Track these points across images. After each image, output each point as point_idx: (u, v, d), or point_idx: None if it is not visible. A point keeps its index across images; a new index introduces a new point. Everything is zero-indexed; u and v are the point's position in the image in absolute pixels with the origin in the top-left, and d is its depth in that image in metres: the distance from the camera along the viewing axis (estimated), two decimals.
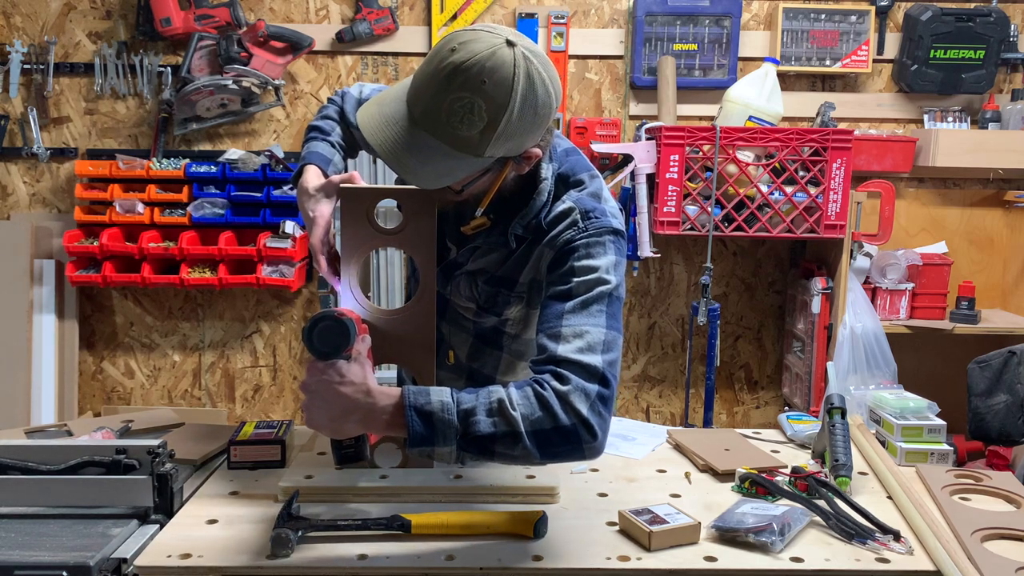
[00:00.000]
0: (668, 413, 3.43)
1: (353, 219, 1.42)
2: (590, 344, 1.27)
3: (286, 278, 3.09)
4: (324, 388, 1.18)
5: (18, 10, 3.18)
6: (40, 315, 3.18)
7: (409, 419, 1.18)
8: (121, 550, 1.24)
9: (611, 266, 1.35)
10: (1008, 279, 3.29)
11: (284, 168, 3.08)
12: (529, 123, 1.24)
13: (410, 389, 1.20)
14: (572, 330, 1.28)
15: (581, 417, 1.21)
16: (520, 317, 1.54)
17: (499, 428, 1.19)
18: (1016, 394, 2.10)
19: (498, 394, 1.21)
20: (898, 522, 1.34)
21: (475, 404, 1.20)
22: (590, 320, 1.29)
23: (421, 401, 1.19)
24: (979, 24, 3.11)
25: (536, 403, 1.21)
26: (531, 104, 1.23)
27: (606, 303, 1.32)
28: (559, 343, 1.27)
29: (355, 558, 1.22)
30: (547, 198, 1.41)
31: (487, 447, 1.20)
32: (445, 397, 1.20)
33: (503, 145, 1.24)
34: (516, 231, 1.42)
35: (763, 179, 2.89)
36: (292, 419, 1.92)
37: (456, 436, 1.19)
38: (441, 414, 1.18)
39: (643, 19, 3.14)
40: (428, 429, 1.18)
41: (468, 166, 1.26)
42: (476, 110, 1.19)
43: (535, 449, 1.21)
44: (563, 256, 1.36)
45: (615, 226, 1.39)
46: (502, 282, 1.48)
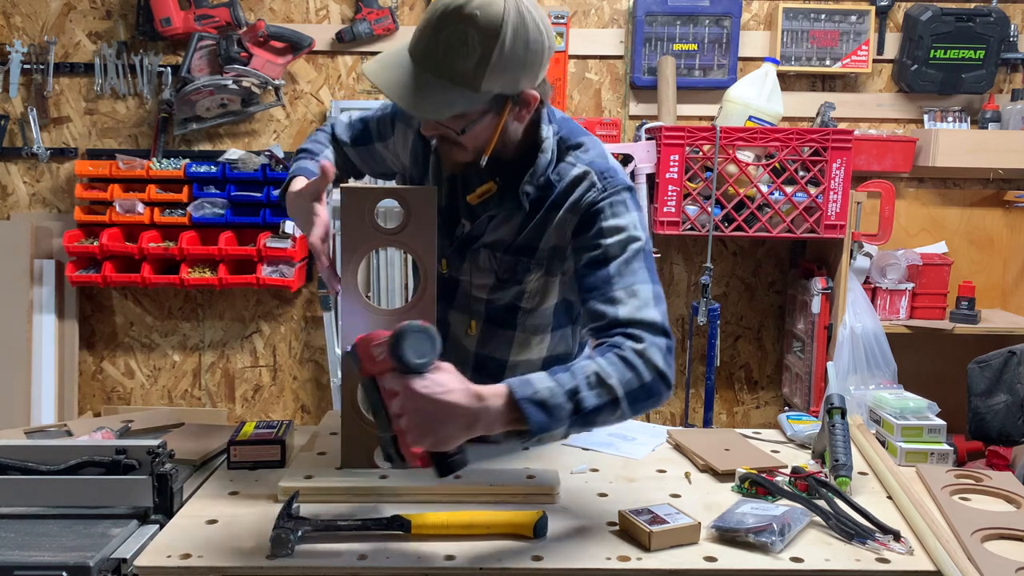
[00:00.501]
0: (668, 413, 3.43)
1: (353, 219, 1.42)
2: (645, 301, 1.34)
3: (286, 278, 3.09)
4: (429, 404, 1.15)
5: (18, 10, 3.18)
6: (40, 315, 3.18)
7: (527, 411, 1.19)
8: (121, 550, 1.24)
9: (636, 222, 1.42)
10: (1008, 279, 3.29)
11: (284, 168, 3.08)
12: (521, 57, 1.30)
13: (512, 383, 1.21)
14: (624, 291, 1.35)
15: (659, 371, 1.29)
16: (538, 288, 1.54)
17: (602, 399, 1.24)
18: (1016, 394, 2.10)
19: (591, 367, 1.25)
20: (898, 522, 1.34)
21: (576, 382, 1.23)
22: (635, 278, 1.36)
23: (530, 392, 1.20)
24: (979, 24, 3.11)
25: (623, 366, 1.27)
26: (522, 37, 1.28)
27: (643, 259, 1.39)
28: (617, 306, 1.34)
29: (355, 558, 1.21)
30: (551, 156, 1.45)
31: (592, 419, 1.25)
32: (548, 382, 1.22)
33: (498, 79, 1.29)
34: (526, 190, 1.45)
35: (763, 179, 2.89)
36: (292, 419, 1.92)
37: (569, 416, 1.22)
38: (552, 399, 1.21)
39: (643, 19, 3.14)
40: (546, 416, 1.20)
41: (467, 100, 1.30)
42: (470, 41, 1.26)
43: (629, 409, 1.27)
44: (589, 219, 1.42)
45: (629, 183, 1.46)
46: (522, 250, 1.49)
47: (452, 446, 1.18)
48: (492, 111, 1.35)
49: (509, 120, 1.39)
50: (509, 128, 1.41)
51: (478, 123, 1.35)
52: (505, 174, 1.46)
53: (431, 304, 1.44)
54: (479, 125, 1.36)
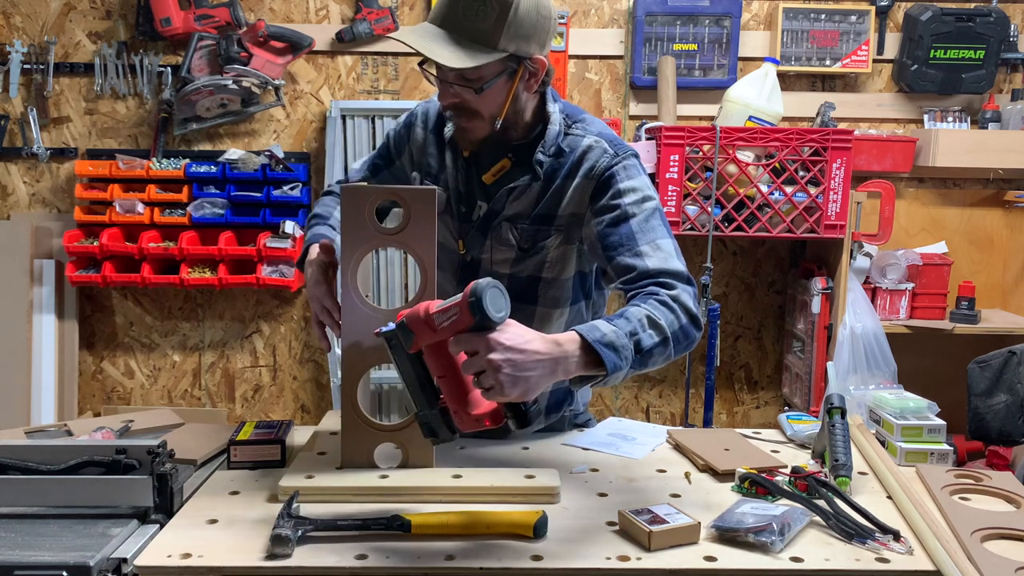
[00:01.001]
0: (668, 413, 3.43)
1: (353, 219, 1.42)
2: (669, 253, 1.46)
3: (286, 278, 3.09)
4: (517, 354, 1.18)
5: (18, 10, 3.18)
6: (40, 315, 3.18)
7: (603, 354, 1.24)
8: (121, 550, 1.24)
9: (648, 184, 1.54)
10: (1008, 279, 3.29)
11: (284, 168, 3.08)
12: (534, 19, 1.43)
13: (580, 329, 1.27)
14: (649, 246, 1.46)
15: (691, 313, 1.39)
16: (559, 257, 1.60)
17: (656, 339, 1.33)
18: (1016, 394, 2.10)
19: (642, 311, 1.34)
20: (898, 522, 1.34)
21: (633, 325, 1.31)
22: (656, 234, 1.48)
23: (599, 335, 1.26)
24: (979, 24, 3.11)
25: (665, 309, 1.36)
26: (534, 1, 1.42)
27: (659, 216, 1.51)
28: (645, 259, 1.44)
29: (355, 558, 1.21)
30: (560, 128, 1.56)
31: (648, 359, 1.33)
32: (610, 326, 1.29)
33: (513, 39, 1.42)
34: (539, 159, 1.54)
35: (763, 179, 2.89)
36: (292, 419, 1.92)
37: (632, 356, 1.29)
38: (618, 341, 1.27)
39: (643, 19, 3.14)
40: (618, 357, 1.26)
41: (485, 55, 1.41)
42: (488, 2, 1.39)
43: (674, 350, 1.36)
44: (606, 183, 1.52)
45: (635, 150, 1.57)
46: (542, 219, 1.57)
47: (536, 394, 1.21)
48: (506, 73, 1.46)
49: (520, 88, 1.50)
50: (520, 97, 1.51)
51: (493, 83, 1.45)
52: (517, 150, 1.57)
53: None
54: (494, 86, 1.46)
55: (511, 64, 1.46)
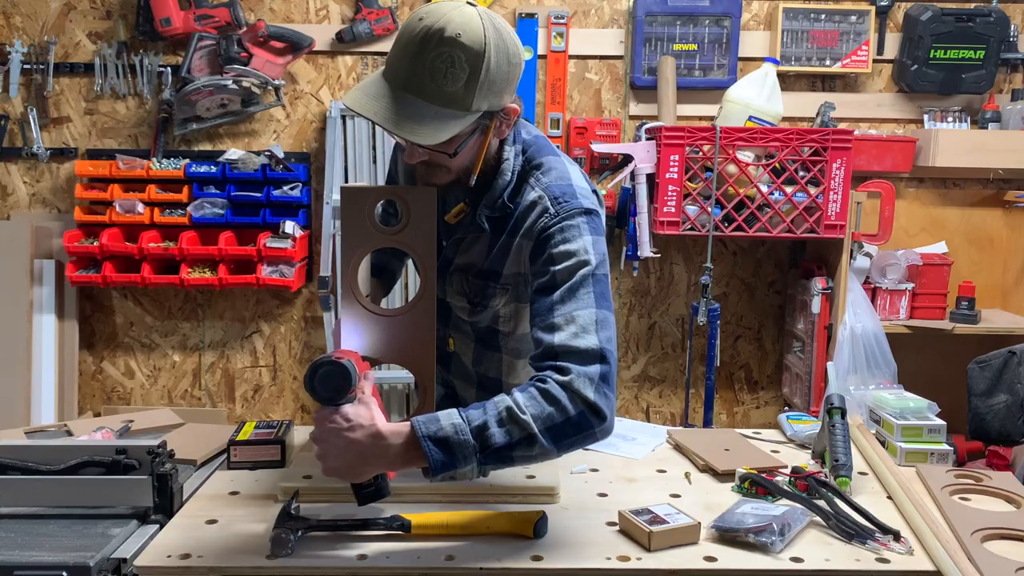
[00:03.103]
0: (668, 413, 3.43)
1: (353, 219, 1.42)
2: (583, 327, 1.30)
3: (286, 278, 3.09)
4: (333, 436, 1.21)
5: (18, 10, 3.18)
6: (40, 315, 3.18)
7: (427, 450, 1.19)
8: (121, 550, 1.24)
9: (588, 246, 1.37)
10: (1008, 279, 3.29)
11: (284, 168, 3.08)
12: (505, 72, 1.32)
13: (419, 420, 1.21)
14: (564, 318, 1.31)
15: (588, 403, 1.24)
16: (511, 313, 1.55)
17: (514, 435, 1.21)
18: (1016, 394, 2.10)
19: (505, 402, 1.23)
20: (898, 522, 1.34)
21: (486, 418, 1.21)
22: (578, 304, 1.32)
23: (433, 429, 1.20)
24: (979, 24, 3.11)
25: (543, 400, 1.23)
26: (503, 52, 1.31)
27: (591, 284, 1.35)
28: (553, 333, 1.30)
29: (355, 558, 1.22)
30: (510, 178, 1.45)
31: (505, 456, 1.22)
32: (455, 419, 1.21)
33: (486, 96, 1.31)
34: (484, 213, 1.46)
35: (763, 179, 2.89)
36: (292, 419, 1.92)
37: (475, 454, 1.20)
38: (456, 437, 1.20)
39: (643, 19, 3.14)
40: (447, 455, 1.19)
41: (460, 121, 1.30)
42: (457, 62, 1.26)
43: (551, 445, 1.23)
44: (541, 244, 1.40)
45: (586, 206, 1.41)
46: (488, 275, 1.50)
47: (358, 479, 1.23)
48: (479, 130, 1.37)
49: (493, 137, 1.40)
50: (491, 145, 1.42)
51: (467, 143, 1.36)
52: (474, 196, 1.47)
53: (431, 304, 1.44)
54: (468, 144, 1.37)
55: (484, 119, 1.35)
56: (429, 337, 1.44)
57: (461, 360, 1.65)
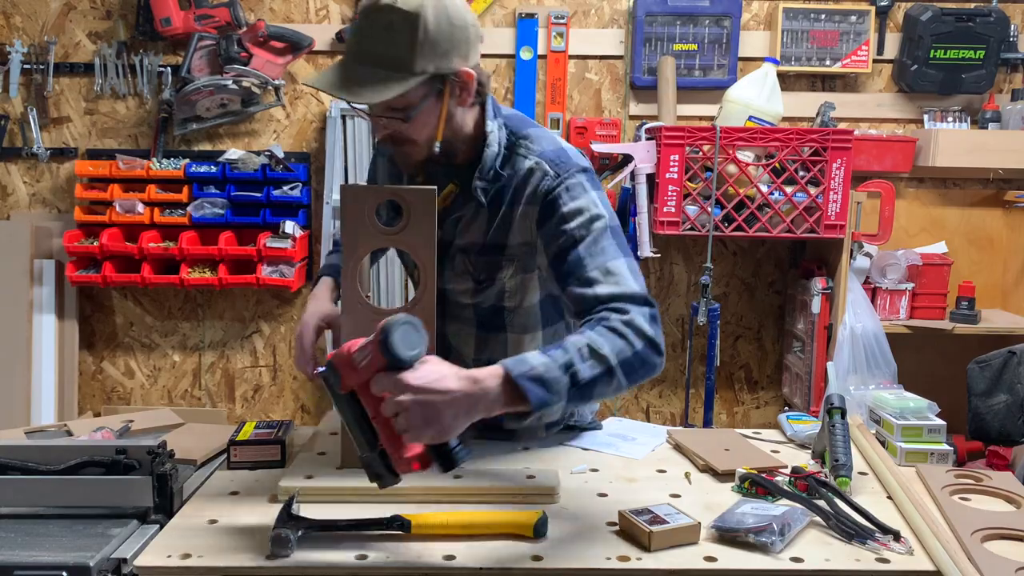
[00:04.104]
0: (668, 413, 3.43)
1: (353, 219, 1.42)
2: (621, 276, 1.37)
3: (286, 278, 3.09)
4: (426, 394, 1.12)
5: (18, 10, 3.18)
6: (40, 315, 3.18)
7: (527, 389, 1.17)
8: (121, 550, 1.24)
9: (596, 200, 1.45)
10: (1008, 279, 3.29)
11: (284, 168, 3.08)
12: (447, 33, 1.35)
13: (507, 362, 1.20)
14: (598, 271, 1.37)
15: (648, 337, 1.32)
16: (516, 286, 1.55)
17: (597, 369, 1.25)
18: (1016, 394, 2.10)
19: (582, 340, 1.26)
20: (898, 522, 1.34)
21: (570, 356, 1.23)
22: (606, 256, 1.39)
23: (526, 368, 1.19)
24: (979, 24, 3.11)
25: (613, 336, 1.28)
26: (445, 14, 1.35)
27: (610, 235, 1.42)
28: (595, 287, 1.36)
29: (355, 558, 1.22)
30: (499, 149, 1.49)
31: (587, 392, 1.25)
32: (543, 358, 1.22)
33: (430, 57, 1.35)
34: (477, 185, 1.48)
35: (763, 179, 2.89)
36: (292, 419, 1.92)
37: (567, 389, 1.21)
38: (548, 374, 1.20)
39: (643, 19, 3.14)
40: (545, 391, 1.19)
41: (403, 83, 1.34)
42: (395, 25, 1.33)
43: (625, 379, 1.28)
44: (548, 207, 1.44)
45: (583, 164, 1.48)
46: (492, 249, 1.52)
47: (454, 435, 1.14)
48: (432, 94, 1.39)
49: (452, 105, 1.43)
50: (456, 115, 1.45)
51: (421, 107, 1.39)
52: (462, 174, 1.51)
53: (431, 304, 1.44)
54: (423, 110, 1.39)
55: (436, 84, 1.38)
56: (429, 336, 1.44)
57: (460, 354, 1.63)
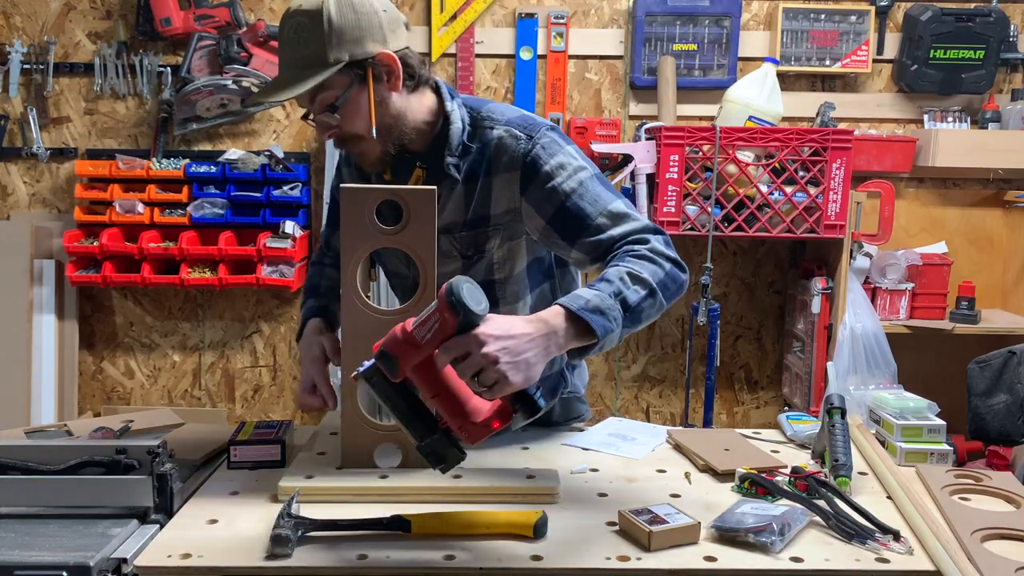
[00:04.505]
0: (668, 413, 3.43)
1: (353, 219, 1.42)
2: (624, 215, 1.44)
3: (286, 278, 3.09)
4: (511, 342, 1.17)
5: (18, 10, 3.18)
6: (40, 315, 3.18)
7: (590, 320, 1.24)
8: (121, 550, 1.24)
9: (574, 153, 1.50)
10: (1008, 279, 3.29)
11: (284, 168, 3.08)
12: (352, 19, 1.40)
13: (562, 301, 1.27)
14: (603, 217, 1.44)
15: (672, 259, 1.39)
16: (505, 255, 1.58)
17: (642, 292, 1.32)
18: (1016, 394, 2.10)
19: (622, 269, 1.33)
20: (898, 522, 1.34)
21: (615, 285, 1.31)
22: (604, 201, 1.45)
23: (583, 303, 1.26)
24: (979, 24, 3.11)
25: (645, 262, 1.36)
26: (348, 3, 1.40)
27: (598, 181, 1.48)
28: (607, 231, 1.43)
29: (355, 558, 1.21)
30: (463, 126, 1.52)
31: (639, 315, 1.33)
32: (594, 291, 1.29)
33: (341, 46, 1.39)
34: (450, 161, 1.51)
35: (763, 179, 2.89)
36: (292, 419, 1.92)
37: (621, 316, 1.28)
38: (603, 303, 1.27)
39: (643, 19, 3.14)
40: (606, 319, 1.26)
41: (318, 75, 1.39)
42: (302, 27, 1.39)
43: (664, 299, 1.36)
44: (529, 169, 1.48)
45: (549, 123, 1.53)
46: (476, 223, 1.54)
47: (539, 376, 1.20)
48: (355, 82, 1.43)
49: (383, 91, 1.46)
50: (392, 101, 1.47)
51: (346, 97, 1.43)
52: (428, 158, 1.54)
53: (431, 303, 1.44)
54: (348, 99, 1.43)
55: (356, 72, 1.42)
56: None
57: None
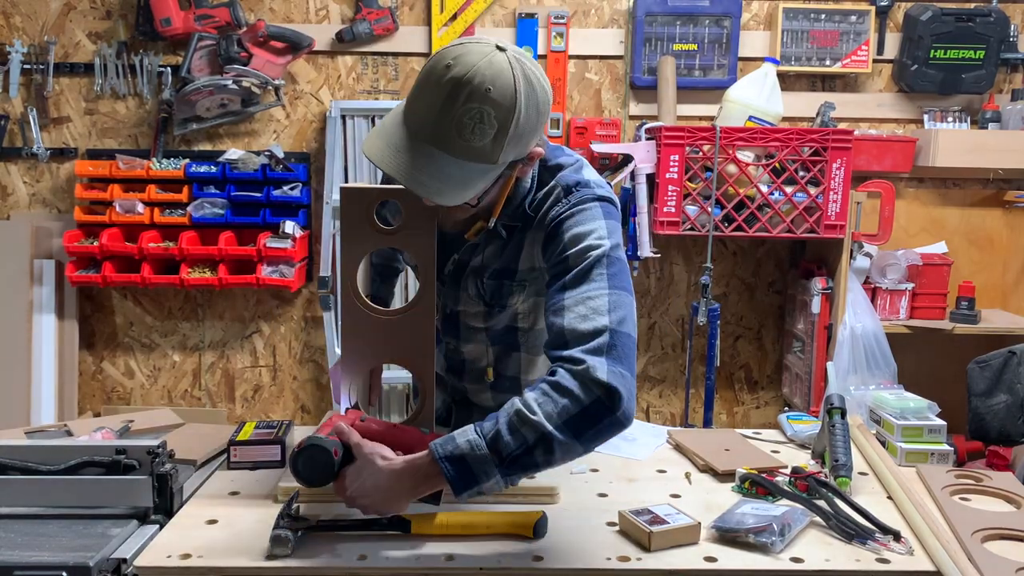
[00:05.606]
0: (668, 413, 3.43)
1: (353, 219, 1.42)
2: (594, 308, 1.26)
3: (286, 278, 3.09)
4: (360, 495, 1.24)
5: (18, 10, 3.18)
6: (40, 315, 3.18)
7: (445, 471, 1.18)
8: (121, 550, 1.24)
9: (602, 229, 1.34)
10: (1008, 279, 3.29)
11: (284, 168, 3.08)
12: (534, 123, 1.27)
13: (436, 443, 1.20)
14: (573, 299, 1.28)
15: (601, 385, 1.18)
16: (529, 309, 1.53)
17: (528, 439, 1.17)
18: (1016, 394, 2.10)
19: (515, 406, 1.19)
20: (898, 522, 1.34)
21: (498, 427, 1.18)
22: (591, 286, 1.28)
23: (449, 449, 1.19)
24: (979, 24, 3.11)
25: (556, 394, 1.19)
26: (534, 103, 1.25)
27: (605, 266, 1.30)
28: (563, 315, 1.27)
29: (355, 558, 1.22)
30: (531, 183, 1.43)
31: (528, 462, 1.18)
32: (470, 435, 1.19)
33: (514, 149, 1.27)
34: (503, 221, 1.43)
35: (763, 179, 2.89)
36: (292, 419, 1.92)
37: (496, 466, 1.17)
38: (472, 453, 1.18)
39: (643, 19, 3.14)
40: (466, 473, 1.18)
41: (485, 176, 1.27)
42: (486, 118, 1.21)
43: (572, 439, 1.18)
44: (553, 232, 1.37)
45: (601, 194, 1.40)
46: (503, 273, 1.49)
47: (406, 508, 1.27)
48: (503, 176, 1.33)
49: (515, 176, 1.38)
50: None
51: (491, 192, 1.35)
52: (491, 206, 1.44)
53: (430, 306, 1.44)
54: (491, 191, 1.35)
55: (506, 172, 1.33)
56: (429, 337, 1.44)
57: (476, 367, 1.63)
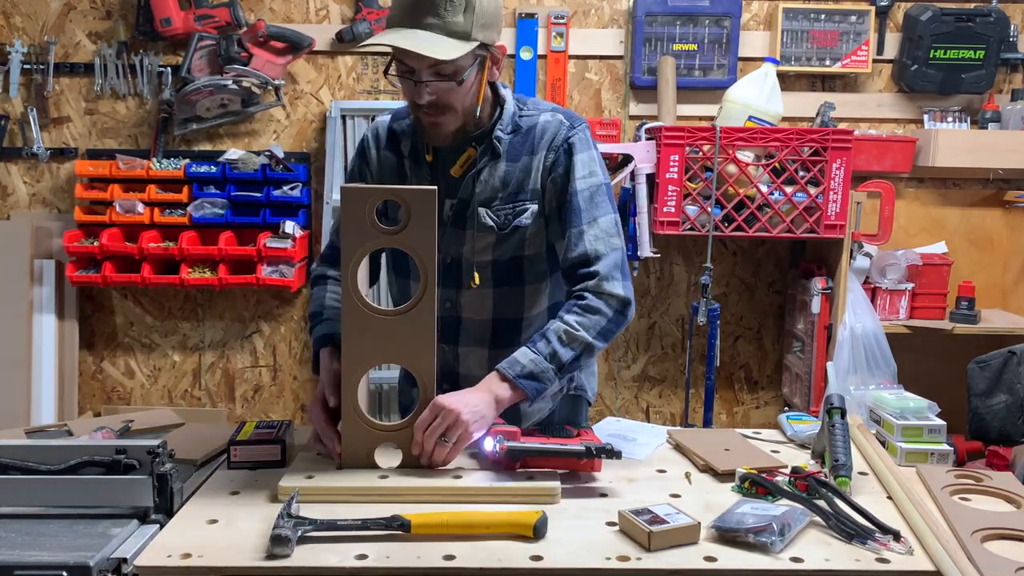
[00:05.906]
0: (668, 413, 3.43)
1: (354, 219, 1.42)
2: (607, 231, 1.61)
3: (286, 278, 3.09)
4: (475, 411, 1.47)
5: (18, 10, 3.18)
6: (40, 315, 3.18)
7: (523, 386, 1.50)
8: (121, 550, 1.24)
9: (596, 157, 1.66)
10: (1008, 279, 3.29)
11: (284, 168, 3.08)
12: (494, 8, 1.53)
13: (503, 367, 1.51)
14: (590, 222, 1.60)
15: (619, 298, 1.58)
16: (536, 230, 1.66)
17: (577, 350, 1.53)
18: (1016, 394, 2.10)
19: (561, 327, 1.54)
20: (898, 522, 1.34)
21: (552, 345, 1.52)
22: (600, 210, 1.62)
23: (519, 369, 1.51)
24: (979, 24, 3.11)
25: (589, 314, 1.55)
26: None
27: (605, 192, 1.64)
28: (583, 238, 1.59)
29: (355, 558, 1.21)
30: (515, 109, 1.65)
31: (575, 366, 1.55)
32: (531, 355, 1.51)
33: (482, 29, 1.50)
34: (497, 135, 1.62)
35: (763, 179, 2.89)
36: (292, 419, 1.92)
37: (555, 372, 1.52)
38: (537, 368, 1.51)
39: (643, 19, 3.14)
40: (538, 383, 1.51)
41: (464, 48, 1.48)
42: None
43: (604, 343, 1.57)
44: (564, 154, 1.63)
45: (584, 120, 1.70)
46: (514, 195, 1.65)
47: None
48: (477, 63, 1.54)
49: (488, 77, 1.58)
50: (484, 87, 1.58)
51: (469, 75, 1.52)
52: (478, 139, 1.64)
53: (431, 304, 1.44)
54: (469, 77, 1.53)
55: (480, 54, 1.53)
56: (429, 337, 1.44)
57: (475, 320, 1.70)
